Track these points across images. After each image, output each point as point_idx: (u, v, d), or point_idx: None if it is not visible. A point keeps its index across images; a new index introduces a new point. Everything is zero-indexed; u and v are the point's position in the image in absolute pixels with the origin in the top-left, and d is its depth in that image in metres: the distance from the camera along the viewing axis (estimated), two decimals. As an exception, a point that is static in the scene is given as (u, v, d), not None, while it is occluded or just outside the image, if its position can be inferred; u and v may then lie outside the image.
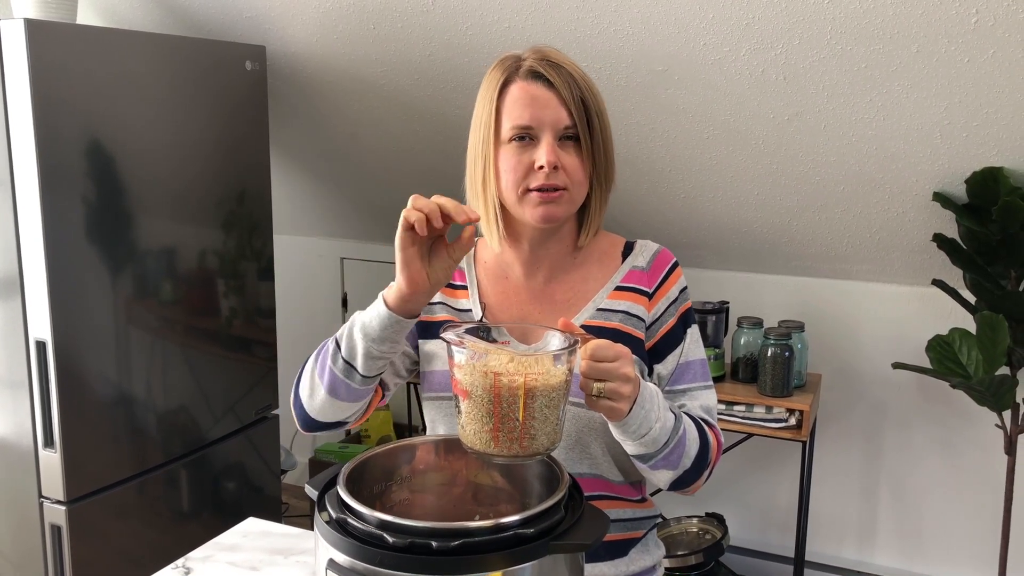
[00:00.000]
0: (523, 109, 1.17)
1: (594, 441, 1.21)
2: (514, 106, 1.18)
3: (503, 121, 1.19)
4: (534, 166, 1.17)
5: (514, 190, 1.19)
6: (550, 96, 1.17)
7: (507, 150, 1.19)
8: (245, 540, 1.39)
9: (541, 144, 1.17)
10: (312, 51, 2.55)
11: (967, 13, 1.83)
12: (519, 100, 1.18)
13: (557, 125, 1.17)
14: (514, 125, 1.17)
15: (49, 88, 1.92)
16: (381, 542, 0.86)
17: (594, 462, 1.21)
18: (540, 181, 1.17)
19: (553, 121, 1.17)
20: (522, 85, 1.18)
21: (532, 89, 1.18)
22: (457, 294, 1.31)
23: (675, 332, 1.26)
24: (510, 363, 0.95)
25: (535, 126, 1.17)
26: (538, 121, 1.17)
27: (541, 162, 1.16)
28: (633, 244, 1.32)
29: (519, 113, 1.17)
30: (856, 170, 2.28)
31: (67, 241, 2.00)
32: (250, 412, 2.60)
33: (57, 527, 2.07)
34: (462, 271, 1.32)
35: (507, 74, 1.20)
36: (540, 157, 1.16)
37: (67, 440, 2.04)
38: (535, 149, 1.17)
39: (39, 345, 1.99)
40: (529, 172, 1.17)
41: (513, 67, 1.20)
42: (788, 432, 2.39)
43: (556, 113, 1.17)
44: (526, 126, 1.17)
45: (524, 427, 0.96)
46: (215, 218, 2.41)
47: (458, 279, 1.32)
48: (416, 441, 1.09)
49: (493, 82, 1.21)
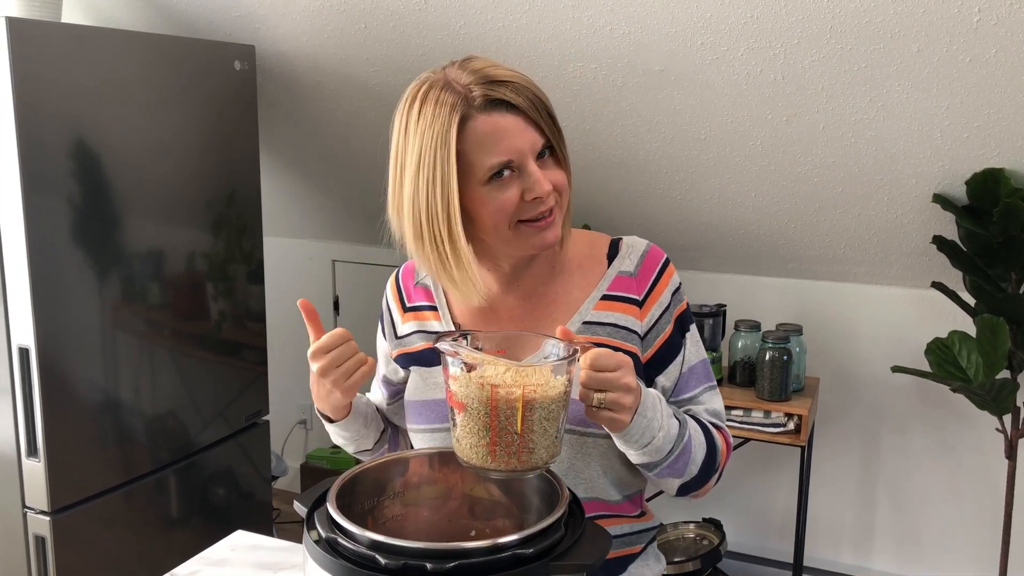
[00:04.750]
0: (496, 144, 1.04)
1: (588, 465, 1.14)
2: (484, 144, 1.04)
3: (473, 163, 1.05)
4: (523, 198, 1.06)
5: (505, 228, 1.08)
6: (516, 120, 1.05)
7: (485, 191, 1.06)
8: (233, 554, 1.34)
9: (526, 173, 1.06)
10: (302, 50, 2.51)
11: (969, 12, 1.80)
12: (489, 136, 1.04)
13: (535, 148, 1.07)
14: (491, 165, 1.04)
15: (32, 88, 1.88)
16: (373, 564, 0.82)
17: (590, 485, 1.14)
18: (535, 211, 1.07)
19: (531, 146, 1.06)
20: (484, 120, 1.04)
21: (497, 121, 1.04)
22: (426, 316, 1.24)
23: (673, 340, 1.18)
24: (507, 374, 0.91)
25: (516, 159, 1.05)
26: (518, 153, 1.05)
27: (537, 193, 1.05)
28: (619, 243, 1.21)
29: (493, 150, 1.04)
30: (855, 171, 2.25)
31: (51, 245, 1.96)
32: (240, 418, 2.56)
33: (41, 538, 2.03)
34: (427, 289, 1.25)
35: (460, 111, 1.03)
36: (534, 188, 1.05)
37: (51, 449, 1.99)
38: (517, 180, 1.06)
39: (22, 352, 1.95)
40: (518, 206, 1.08)
41: (463, 102, 1.04)
42: (787, 437, 2.36)
43: (529, 136, 1.06)
44: (507, 162, 1.05)
45: (522, 440, 0.93)
46: (204, 220, 2.37)
47: (424, 299, 1.25)
48: (409, 454, 1.05)
49: (440, 123, 1.03)
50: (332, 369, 1.07)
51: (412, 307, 1.27)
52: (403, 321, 1.27)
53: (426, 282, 1.27)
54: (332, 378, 1.08)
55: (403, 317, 1.27)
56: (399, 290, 1.30)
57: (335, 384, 1.09)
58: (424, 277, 1.27)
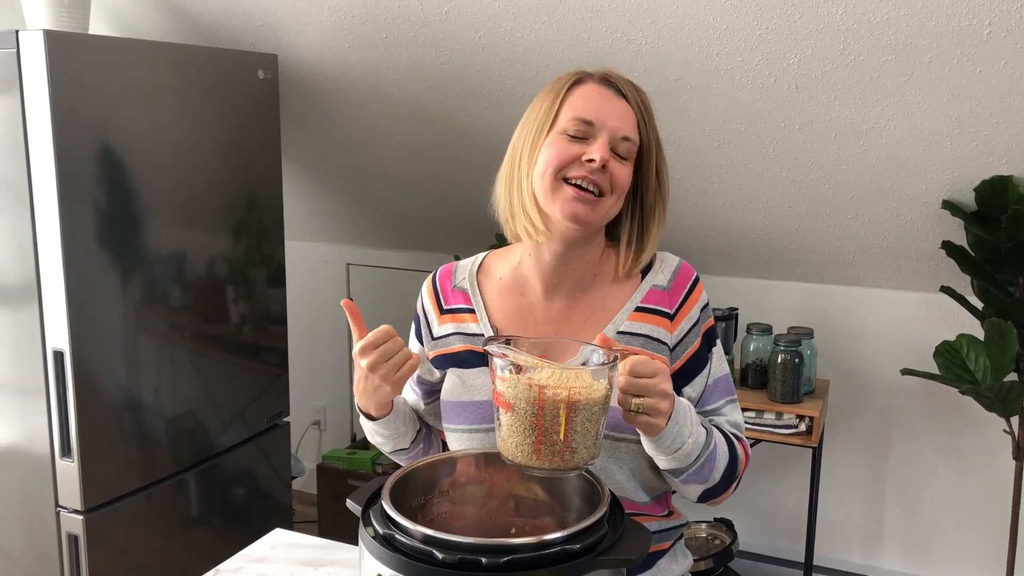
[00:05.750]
0: (589, 104, 1.16)
1: (619, 469, 1.19)
2: (580, 100, 1.17)
3: (563, 113, 1.17)
4: (580, 158, 1.14)
5: (551, 175, 1.15)
6: (618, 103, 1.18)
7: (557, 139, 1.16)
8: (274, 551, 1.39)
9: (596, 142, 1.15)
10: (324, 60, 2.56)
11: (980, 25, 1.85)
12: (588, 96, 1.17)
13: (616, 132, 1.16)
14: (575, 116, 1.16)
15: (66, 98, 1.92)
16: (430, 558, 0.87)
17: (619, 487, 1.19)
18: (583, 172, 1.14)
19: (614, 126, 1.16)
20: (594, 86, 1.19)
21: (603, 92, 1.18)
22: (465, 318, 1.28)
23: (700, 354, 1.23)
24: (553, 376, 0.96)
25: (596, 123, 1.15)
26: (600, 120, 1.16)
27: (592, 156, 1.13)
28: (652, 257, 1.28)
29: (584, 107, 1.16)
30: (866, 178, 2.30)
31: (83, 250, 2.01)
32: (262, 419, 2.61)
33: (74, 536, 2.07)
34: (465, 292, 1.29)
35: (579, 76, 1.20)
36: (592, 151, 1.14)
37: (84, 449, 2.04)
38: (586, 145, 1.15)
39: (56, 355, 1.99)
40: (572, 162, 1.15)
41: (585, 73, 1.21)
42: (798, 438, 2.41)
43: (619, 120, 1.16)
44: (588, 120, 1.15)
45: (566, 441, 0.97)
46: (226, 225, 2.42)
47: (462, 302, 1.29)
48: (457, 454, 1.10)
49: (560, 82, 1.20)
50: (381, 364, 1.11)
51: (449, 309, 1.30)
52: (440, 323, 1.30)
53: (463, 285, 1.31)
54: (382, 372, 1.11)
55: (440, 319, 1.31)
56: (436, 292, 1.33)
57: (384, 379, 1.12)
58: (462, 280, 1.32)
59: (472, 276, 1.31)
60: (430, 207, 3.01)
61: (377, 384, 1.13)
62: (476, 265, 1.33)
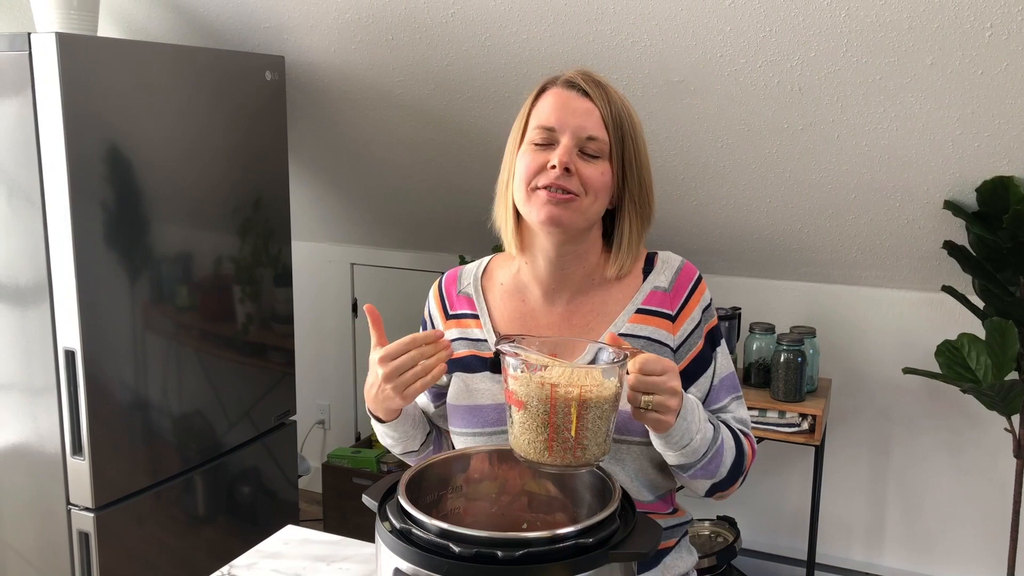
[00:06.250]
0: (550, 111, 1.18)
1: (622, 470, 1.20)
2: (544, 108, 1.20)
3: (530, 123, 1.21)
4: (547, 166, 1.17)
5: (524, 187, 1.19)
6: (581, 104, 1.18)
7: (526, 150, 1.20)
8: (287, 547, 1.41)
9: (558, 147, 1.17)
10: (330, 61, 2.58)
11: (981, 27, 1.87)
12: (549, 103, 1.19)
13: (579, 132, 1.17)
14: (538, 125, 1.19)
15: (77, 100, 1.94)
16: (447, 551, 0.89)
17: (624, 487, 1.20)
18: (549, 179, 1.16)
19: (576, 127, 1.17)
20: (556, 91, 1.20)
21: (564, 95, 1.19)
22: (468, 323, 1.30)
23: (704, 354, 1.24)
24: (563, 375, 0.98)
25: (557, 128, 1.17)
26: (561, 124, 1.17)
27: (553, 162, 1.16)
28: (654, 257, 1.28)
29: (547, 114, 1.18)
30: (868, 178, 2.32)
31: (94, 250, 2.03)
32: (268, 418, 2.63)
33: (85, 534, 2.10)
34: (470, 298, 1.31)
35: (544, 84, 1.23)
36: (553, 157, 1.16)
37: (94, 448, 2.06)
38: (551, 151, 1.17)
39: (68, 354, 2.01)
40: (541, 171, 1.17)
41: (551, 79, 1.23)
42: (801, 436, 2.43)
43: (582, 120, 1.17)
44: (549, 127, 1.17)
45: (577, 438, 0.99)
46: (233, 225, 2.44)
47: (467, 307, 1.31)
48: (470, 451, 1.12)
49: (531, 92, 1.23)
50: (394, 377, 1.12)
51: (454, 315, 1.32)
52: (445, 328, 1.32)
53: (468, 291, 1.33)
54: (392, 384, 1.13)
55: (445, 324, 1.33)
56: (442, 298, 1.35)
57: (395, 390, 1.13)
58: (466, 286, 1.34)
59: (476, 282, 1.33)
60: (435, 207, 3.03)
61: (388, 394, 1.14)
62: (480, 270, 1.35)
